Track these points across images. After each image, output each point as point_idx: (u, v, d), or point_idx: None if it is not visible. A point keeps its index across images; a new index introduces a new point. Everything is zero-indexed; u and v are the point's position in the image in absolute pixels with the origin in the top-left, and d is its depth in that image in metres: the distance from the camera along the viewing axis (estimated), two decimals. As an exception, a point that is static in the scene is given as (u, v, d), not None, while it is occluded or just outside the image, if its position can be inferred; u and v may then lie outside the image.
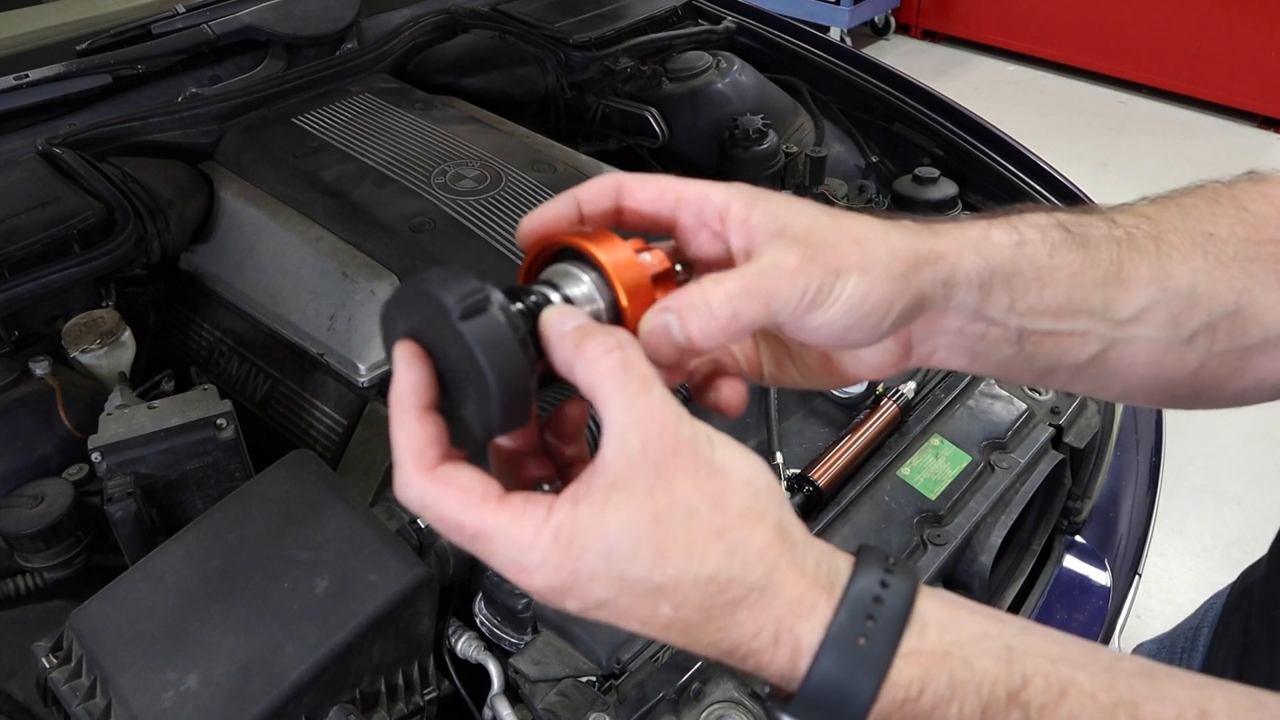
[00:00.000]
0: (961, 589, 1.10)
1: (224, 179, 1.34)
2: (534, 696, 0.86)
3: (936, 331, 0.52)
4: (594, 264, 0.47)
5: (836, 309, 0.45)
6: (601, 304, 0.47)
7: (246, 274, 1.26)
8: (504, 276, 0.51)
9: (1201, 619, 0.99)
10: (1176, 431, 1.54)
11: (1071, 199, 1.54)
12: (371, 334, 1.12)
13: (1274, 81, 4.45)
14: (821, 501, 1.08)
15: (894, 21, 5.57)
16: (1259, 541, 0.84)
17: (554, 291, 0.46)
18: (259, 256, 1.25)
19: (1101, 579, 1.21)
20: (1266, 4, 4.34)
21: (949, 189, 1.56)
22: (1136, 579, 1.24)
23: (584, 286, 0.47)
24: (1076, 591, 1.19)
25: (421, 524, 0.94)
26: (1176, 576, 2.48)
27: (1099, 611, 1.17)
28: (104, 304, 1.19)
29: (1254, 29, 4.42)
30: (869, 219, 0.48)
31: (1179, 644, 1.00)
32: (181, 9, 1.52)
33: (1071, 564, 1.22)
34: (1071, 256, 0.50)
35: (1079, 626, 1.15)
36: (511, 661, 0.88)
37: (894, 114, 1.74)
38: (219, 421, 0.96)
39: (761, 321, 0.45)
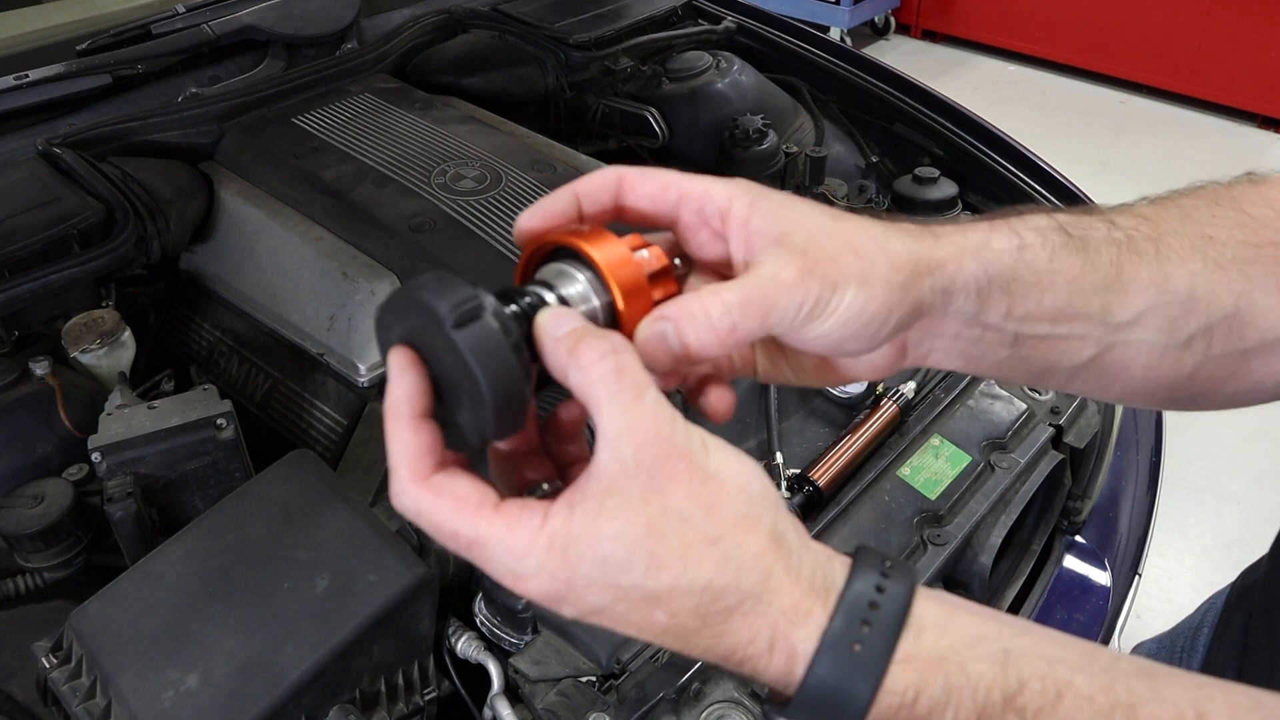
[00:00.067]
0: (961, 589, 1.10)
1: (224, 179, 1.34)
2: (534, 696, 0.86)
3: (932, 335, 0.52)
4: (589, 263, 0.46)
5: (833, 321, 0.45)
6: (597, 303, 0.46)
7: (246, 274, 1.26)
8: (504, 276, 0.51)
9: (1201, 619, 0.99)
10: (1176, 431, 1.54)
11: (1071, 199, 1.54)
12: (371, 334, 1.11)
13: (1274, 81, 4.45)
14: (821, 501, 1.08)
15: (894, 21, 5.57)
16: (1259, 541, 0.84)
17: (549, 292, 0.46)
18: (259, 256, 1.25)
19: (1101, 579, 1.21)
20: (1266, 4, 4.34)
21: (949, 189, 1.56)
22: (1136, 579, 1.24)
23: (579, 286, 0.46)
24: (1076, 591, 1.19)
25: (421, 524, 0.94)
26: (1176, 576, 2.48)
27: (1099, 611, 1.17)
28: (104, 304, 1.19)
29: (1254, 29, 4.42)
30: (869, 223, 0.48)
31: (1178, 644, 1.00)
32: (181, 9, 1.51)
33: (1071, 564, 1.22)
34: (1071, 260, 0.50)
35: (1079, 626, 1.15)
36: (511, 661, 0.89)
37: (894, 114, 1.74)
38: (219, 421, 0.96)
39: (759, 333, 0.45)
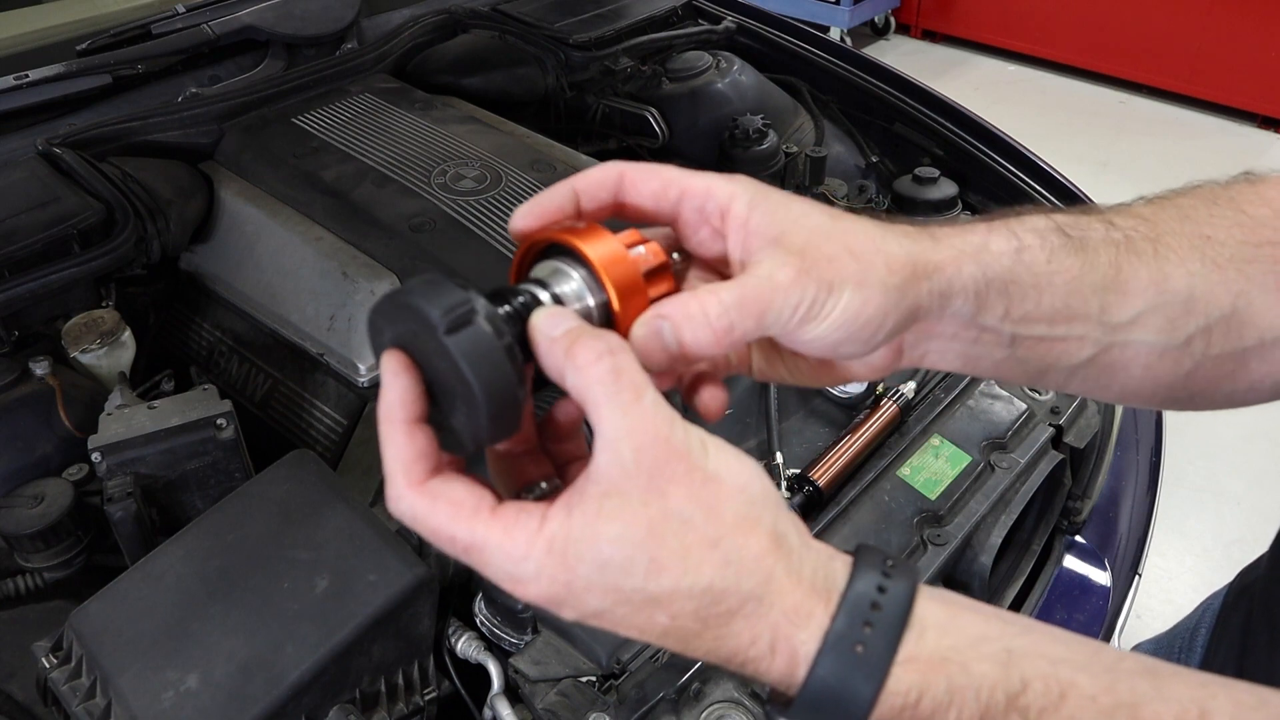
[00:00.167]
0: (961, 589, 1.10)
1: (224, 179, 1.34)
2: (534, 696, 0.86)
3: (929, 337, 0.51)
4: (584, 260, 0.46)
5: (829, 324, 0.45)
6: (592, 302, 0.46)
7: (246, 274, 1.26)
8: (503, 276, 0.51)
9: (1199, 619, 0.98)
10: (1176, 431, 1.54)
11: (1071, 199, 1.54)
12: (372, 334, 1.12)
13: (1274, 81, 4.45)
14: (821, 501, 1.08)
15: (894, 21, 5.57)
16: (1259, 541, 0.84)
17: (543, 291, 0.45)
18: (259, 256, 1.25)
19: (1101, 579, 1.20)
20: (1266, 4, 4.34)
21: (949, 189, 1.56)
22: (1136, 579, 1.24)
23: (573, 284, 0.46)
24: (1076, 591, 1.19)
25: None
26: (1176, 576, 2.48)
27: (1099, 611, 1.17)
28: (104, 304, 1.19)
29: (1254, 29, 4.42)
30: (868, 224, 0.48)
31: (1176, 644, 1.00)
32: (181, 9, 1.52)
33: (1071, 564, 1.22)
34: (1070, 261, 0.50)
35: (1079, 626, 1.15)
36: (511, 661, 0.89)
37: (894, 114, 1.74)
38: (219, 421, 0.96)
39: (755, 334, 0.45)
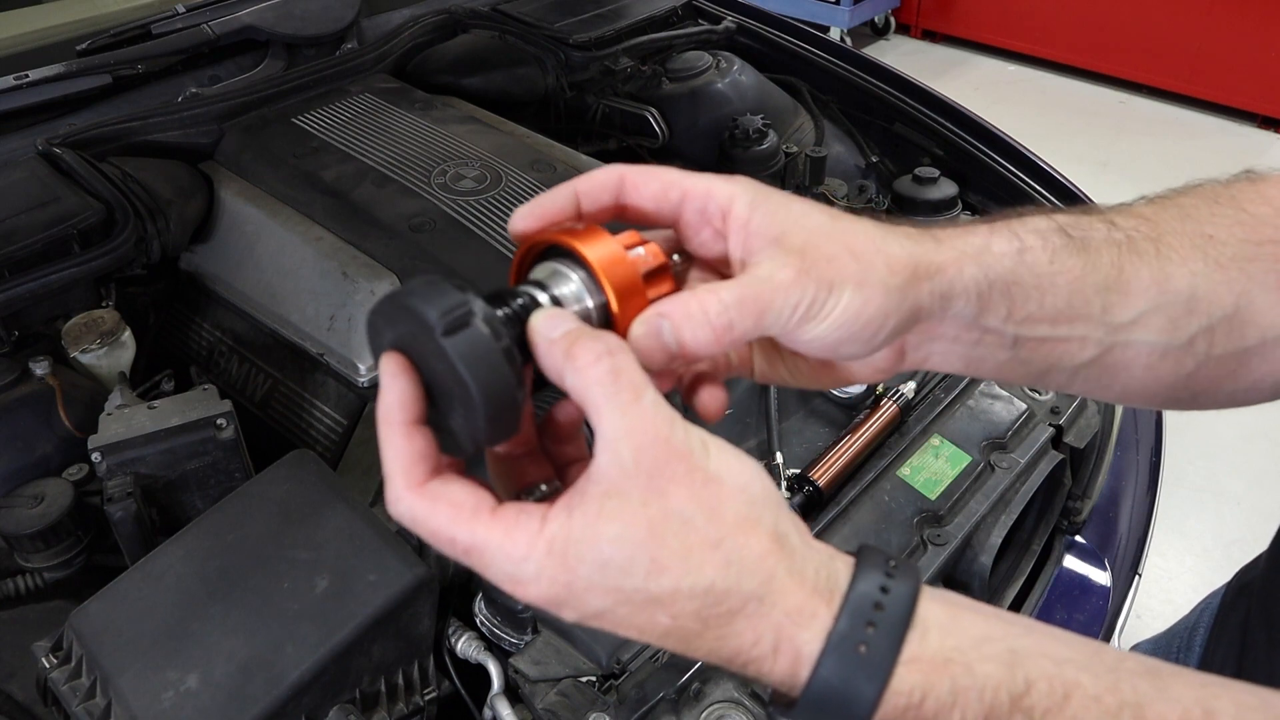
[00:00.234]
0: (961, 589, 1.10)
1: (224, 179, 1.34)
2: (534, 696, 0.86)
3: (931, 338, 0.51)
4: (582, 262, 0.46)
5: (829, 324, 0.45)
6: (591, 304, 0.46)
7: (246, 274, 1.26)
8: (504, 277, 0.51)
9: (1197, 619, 0.98)
10: (1176, 431, 1.54)
11: (1072, 199, 1.54)
12: (371, 334, 1.12)
13: (1274, 81, 4.45)
14: (821, 501, 1.08)
15: (894, 21, 5.57)
16: (1259, 541, 0.83)
17: (541, 292, 0.45)
18: (259, 256, 1.25)
19: (1101, 579, 1.21)
20: (1266, 4, 4.34)
21: (949, 189, 1.56)
22: (1136, 579, 1.24)
23: (572, 285, 0.46)
24: (1076, 591, 1.19)
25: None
26: (1176, 576, 2.48)
27: (1099, 612, 1.17)
28: (104, 304, 1.19)
29: (1254, 29, 4.42)
30: (869, 225, 0.48)
31: (1174, 644, 1.00)
32: (181, 9, 1.52)
33: (1071, 564, 1.22)
34: (1072, 262, 0.50)
35: (1079, 626, 1.15)
36: (511, 661, 0.89)
37: (894, 114, 1.74)
38: (219, 421, 0.96)
39: (755, 333, 0.45)
